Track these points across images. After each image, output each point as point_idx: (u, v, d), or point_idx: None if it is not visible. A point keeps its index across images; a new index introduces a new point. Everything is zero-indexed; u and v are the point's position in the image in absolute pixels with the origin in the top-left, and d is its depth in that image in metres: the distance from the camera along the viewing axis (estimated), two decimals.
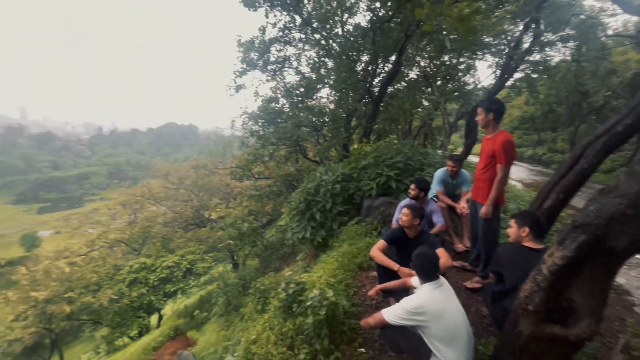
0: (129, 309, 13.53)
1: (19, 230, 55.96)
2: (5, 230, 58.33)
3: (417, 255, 2.58)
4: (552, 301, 1.97)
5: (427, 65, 14.05)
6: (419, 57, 13.92)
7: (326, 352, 2.93)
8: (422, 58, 14.05)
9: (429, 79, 13.35)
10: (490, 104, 3.33)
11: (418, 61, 13.83)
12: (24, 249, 41.88)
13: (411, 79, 13.86)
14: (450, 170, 4.58)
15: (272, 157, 9.39)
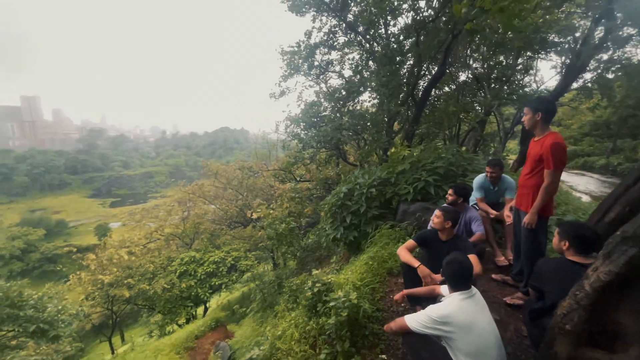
0: (178, 298, 14.59)
1: (94, 220, 63.63)
2: (84, 220, 66.72)
3: (448, 262, 2.43)
4: (594, 322, 1.73)
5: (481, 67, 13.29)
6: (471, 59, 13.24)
7: (346, 354, 2.88)
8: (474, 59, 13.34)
9: (481, 80, 12.58)
10: (539, 103, 3.04)
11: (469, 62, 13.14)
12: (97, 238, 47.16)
13: (462, 82, 13.19)
14: (489, 175, 4.25)
15: (313, 160, 9.54)
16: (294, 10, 8.88)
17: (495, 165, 4.22)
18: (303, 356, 3.17)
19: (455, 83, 12.42)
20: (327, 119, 9.41)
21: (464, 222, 4.23)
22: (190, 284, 14.80)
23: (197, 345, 8.88)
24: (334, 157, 10.33)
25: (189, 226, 17.66)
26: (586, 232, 2.35)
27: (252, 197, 16.53)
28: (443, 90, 13.07)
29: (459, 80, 12.82)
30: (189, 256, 16.04)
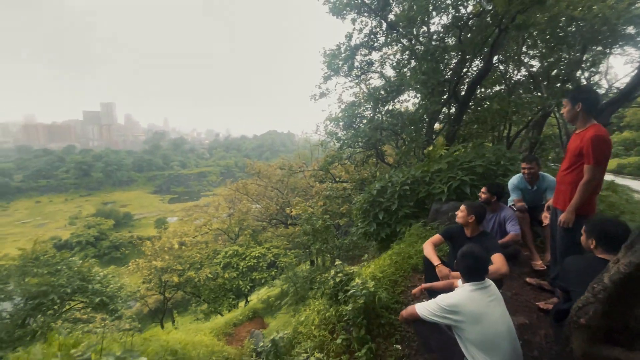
0: (221, 289, 15.53)
1: (155, 214, 70.05)
2: (146, 213, 73.68)
3: (462, 253, 2.39)
4: (611, 317, 1.62)
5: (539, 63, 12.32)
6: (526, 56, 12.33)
7: (361, 341, 2.93)
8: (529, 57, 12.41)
9: (537, 79, 11.65)
10: (578, 92, 2.81)
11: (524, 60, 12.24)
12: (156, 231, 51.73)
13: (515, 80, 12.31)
14: (526, 173, 3.95)
15: (350, 160, 9.59)
16: (335, 13, 9.07)
17: (531, 160, 3.93)
18: (321, 340, 3.28)
19: (507, 82, 11.63)
20: (367, 119, 9.42)
21: (498, 222, 4.04)
22: (232, 276, 15.68)
23: (235, 332, 9.40)
24: (372, 157, 10.29)
25: (234, 222, 18.72)
26: (612, 228, 2.15)
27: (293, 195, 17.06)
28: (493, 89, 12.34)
29: (511, 79, 11.99)
30: (232, 250, 16.98)
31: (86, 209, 70.56)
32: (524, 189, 4.06)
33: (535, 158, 3.99)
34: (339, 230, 11.56)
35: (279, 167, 17.42)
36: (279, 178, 17.24)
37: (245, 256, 16.64)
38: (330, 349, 3.11)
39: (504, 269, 2.82)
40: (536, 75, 12.22)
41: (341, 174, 13.30)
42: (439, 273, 2.96)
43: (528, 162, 3.96)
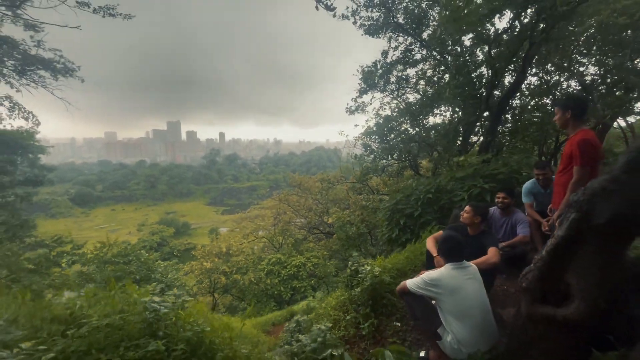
0: (263, 294, 16.44)
1: (209, 224, 75.26)
2: (202, 223, 79.45)
3: (443, 238, 2.83)
4: (546, 281, 1.97)
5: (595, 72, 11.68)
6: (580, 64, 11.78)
7: (366, 317, 3.41)
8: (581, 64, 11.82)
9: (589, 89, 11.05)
10: (568, 100, 3.11)
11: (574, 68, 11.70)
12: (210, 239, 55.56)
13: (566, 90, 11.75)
14: (538, 178, 4.14)
15: (384, 171, 9.97)
16: (370, 33, 9.76)
17: (544, 166, 4.13)
18: (335, 318, 3.80)
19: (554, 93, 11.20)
20: (399, 131, 9.79)
21: (510, 225, 4.25)
22: (274, 282, 16.54)
23: (273, 330, 10.07)
24: (407, 169, 10.53)
25: (278, 231, 19.80)
26: None
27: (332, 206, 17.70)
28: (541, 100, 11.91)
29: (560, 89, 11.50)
30: (275, 258, 17.93)
31: (151, 217, 78.30)
32: (537, 193, 4.24)
33: (548, 163, 4.18)
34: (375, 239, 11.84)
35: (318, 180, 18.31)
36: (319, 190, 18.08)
37: (287, 264, 17.45)
38: (341, 325, 3.62)
39: (494, 259, 3.15)
40: (589, 84, 11.56)
41: (379, 187, 13.63)
42: (436, 263, 3.35)
43: (541, 168, 4.16)
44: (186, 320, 2.25)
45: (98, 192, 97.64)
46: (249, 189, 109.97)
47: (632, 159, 1.61)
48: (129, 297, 2.48)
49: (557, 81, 12.17)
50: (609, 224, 1.66)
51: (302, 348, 3.18)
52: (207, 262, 15.83)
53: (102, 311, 2.30)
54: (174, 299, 2.52)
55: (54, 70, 7.33)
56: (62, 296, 2.50)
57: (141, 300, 2.21)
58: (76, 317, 2.17)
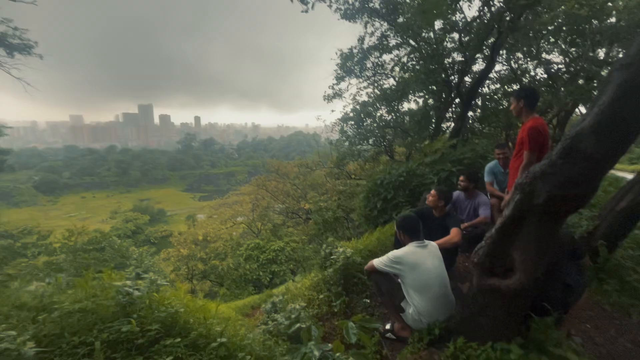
0: (242, 279, 16.56)
1: (186, 211, 73.76)
2: (178, 210, 77.71)
3: (400, 218, 3.03)
4: (494, 256, 2.18)
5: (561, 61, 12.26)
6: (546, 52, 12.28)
7: (338, 295, 3.60)
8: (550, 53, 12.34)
9: (554, 78, 11.62)
10: (520, 90, 3.35)
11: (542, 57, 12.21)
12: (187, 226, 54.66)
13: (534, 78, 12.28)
14: (498, 158, 4.47)
15: (360, 156, 10.18)
16: (347, 18, 9.70)
17: (503, 146, 4.45)
18: (309, 297, 3.98)
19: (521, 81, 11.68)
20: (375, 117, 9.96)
21: (473, 207, 4.54)
22: (253, 267, 16.67)
23: (252, 312, 10.27)
24: (382, 154, 10.79)
25: (256, 217, 19.82)
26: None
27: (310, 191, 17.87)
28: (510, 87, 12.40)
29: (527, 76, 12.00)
30: (254, 243, 17.99)
31: (125, 204, 75.55)
32: (497, 172, 4.57)
33: (506, 144, 4.51)
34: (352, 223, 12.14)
35: (296, 165, 18.37)
36: (296, 175, 18.17)
37: (266, 249, 17.58)
38: (315, 303, 3.80)
39: (455, 238, 3.40)
40: (555, 73, 12.14)
41: (357, 171, 13.85)
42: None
43: (500, 147, 4.50)
44: (161, 303, 2.31)
45: (65, 178, 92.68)
46: (226, 175, 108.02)
47: (566, 146, 1.79)
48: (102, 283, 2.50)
49: (525, 69, 12.71)
50: (546, 204, 1.86)
51: (277, 326, 3.34)
52: (184, 249, 15.70)
53: (74, 297, 2.32)
54: (149, 282, 2.57)
55: (9, 47, 6.79)
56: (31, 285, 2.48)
57: (114, 284, 2.24)
58: (46, 304, 2.17)
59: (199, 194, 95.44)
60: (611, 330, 2.94)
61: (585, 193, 1.81)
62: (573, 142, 1.77)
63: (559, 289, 2.46)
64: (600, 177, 1.83)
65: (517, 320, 2.28)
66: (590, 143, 1.72)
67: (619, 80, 1.66)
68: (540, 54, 12.19)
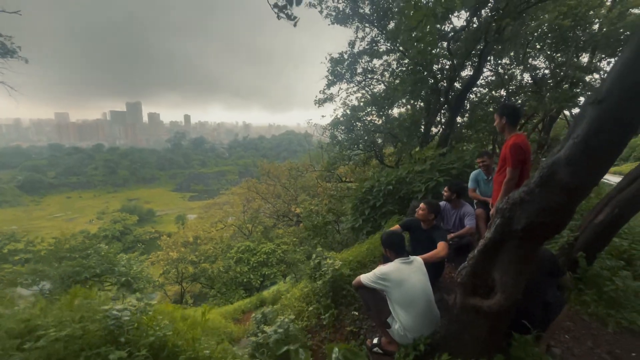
0: (233, 282, 16.48)
1: (175, 211, 72.90)
2: (168, 210, 76.71)
3: (385, 235, 3.10)
4: (477, 276, 2.26)
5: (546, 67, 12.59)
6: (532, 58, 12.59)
7: (327, 308, 3.65)
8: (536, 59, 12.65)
9: (539, 83, 11.90)
10: (503, 108, 3.44)
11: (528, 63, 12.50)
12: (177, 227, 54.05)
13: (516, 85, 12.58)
14: (481, 165, 4.61)
15: (351, 160, 10.26)
16: (339, 22, 9.75)
17: (483, 154, 4.61)
18: (299, 309, 4.02)
19: (508, 86, 11.94)
20: (365, 122, 10.04)
21: (459, 217, 4.64)
22: (244, 270, 16.61)
23: (242, 317, 10.25)
24: (373, 158, 10.90)
25: (247, 218, 19.74)
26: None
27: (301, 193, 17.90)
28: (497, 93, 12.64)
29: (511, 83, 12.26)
30: (244, 245, 17.92)
31: (113, 204, 74.27)
32: (480, 180, 4.71)
33: (488, 152, 4.66)
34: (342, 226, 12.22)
35: (287, 168, 18.38)
36: (288, 178, 18.19)
37: (257, 252, 17.53)
38: (304, 315, 3.84)
39: (442, 253, 3.47)
40: (540, 79, 12.44)
41: (347, 174, 13.94)
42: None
43: (481, 155, 4.70)
44: (149, 325, 2.32)
45: (50, 178, 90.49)
46: (217, 174, 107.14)
47: (543, 175, 1.87)
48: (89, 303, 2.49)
49: (512, 74, 12.99)
50: (524, 230, 1.94)
51: (266, 339, 3.36)
52: (173, 252, 15.54)
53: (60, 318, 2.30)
54: (137, 302, 2.56)
55: None
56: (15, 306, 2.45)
57: (102, 308, 2.24)
58: (32, 328, 2.16)
59: (188, 193, 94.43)
60: (588, 341, 3.06)
61: (561, 221, 1.89)
62: (549, 172, 1.85)
63: (539, 306, 2.55)
64: (575, 205, 1.91)
65: (498, 338, 2.36)
66: (566, 174, 1.79)
67: (592, 116, 1.74)
68: (527, 60, 12.49)
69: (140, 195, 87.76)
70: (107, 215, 63.26)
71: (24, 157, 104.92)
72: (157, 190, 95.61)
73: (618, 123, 1.69)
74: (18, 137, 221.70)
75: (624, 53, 1.67)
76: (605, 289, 3.66)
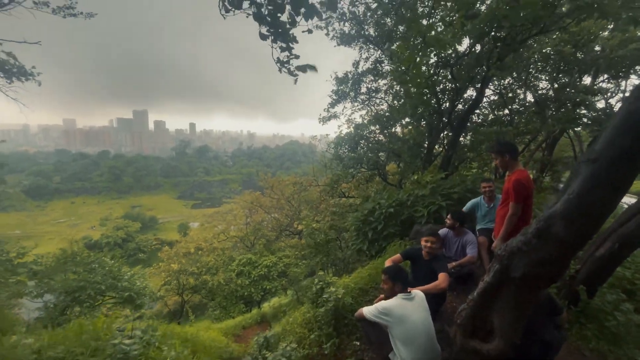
0: (233, 296, 16.40)
1: (178, 219, 73.02)
2: (171, 218, 76.88)
3: (392, 268, 3.16)
4: (476, 319, 2.31)
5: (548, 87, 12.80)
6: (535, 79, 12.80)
7: (328, 336, 3.68)
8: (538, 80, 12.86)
9: (541, 104, 12.04)
10: (501, 147, 3.53)
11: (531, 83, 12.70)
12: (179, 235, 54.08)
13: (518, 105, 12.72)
14: (486, 190, 4.64)
15: (354, 178, 10.37)
16: (344, 44, 10.00)
17: (489, 180, 4.65)
18: (300, 336, 4.05)
19: (511, 108, 12.07)
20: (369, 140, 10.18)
21: (461, 245, 4.68)
22: (245, 283, 16.54)
23: (243, 334, 10.20)
24: (375, 176, 10.99)
25: (250, 231, 19.78)
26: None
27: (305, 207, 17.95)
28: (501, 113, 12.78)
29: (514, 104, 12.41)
30: (246, 258, 17.88)
31: (116, 211, 74.57)
32: (480, 206, 4.78)
33: (490, 179, 4.73)
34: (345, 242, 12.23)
35: (290, 183, 18.52)
36: (291, 192, 18.29)
37: (258, 265, 17.48)
38: (306, 343, 3.87)
39: (442, 285, 3.51)
40: (543, 99, 12.58)
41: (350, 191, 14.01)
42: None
43: (486, 181, 4.77)
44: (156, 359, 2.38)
45: (55, 183, 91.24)
46: (220, 183, 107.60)
47: (540, 227, 1.95)
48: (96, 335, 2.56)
49: (515, 94, 13.16)
50: (522, 278, 2.00)
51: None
52: (174, 264, 15.57)
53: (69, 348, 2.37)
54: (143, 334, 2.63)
55: (9, 73, 6.88)
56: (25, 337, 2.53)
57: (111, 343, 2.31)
58: None
59: (191, 201, 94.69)
60: None
61: (556, 272, 1.96)
62: (546, 225, 1.92)
63: (538, 346, 2.58)
64: (569, 258, 1.98)
65: None
66: (561, 227, 1.87)
67: (586, 173, 1.82)
68: (529, 80, 12.68)
69: (144, 202, 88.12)
70: (110, 222, 63.47)
71: (31, 162, 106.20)
72: (161, 198, 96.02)
73: (610, 182, 1.77)
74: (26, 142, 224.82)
75: (614, 118, 1.76)
76: (607, 323, 3.67)
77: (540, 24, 6.33)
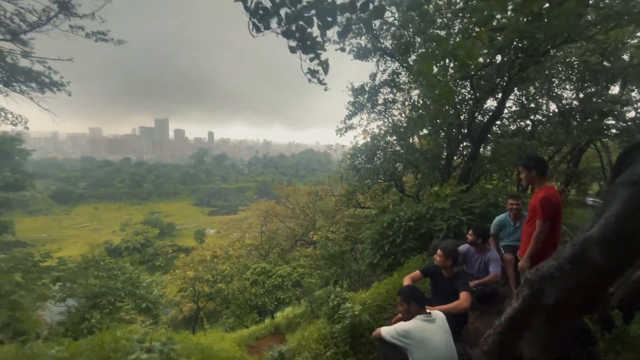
0: (247, 305, 16.39)
1: (195, 226, 74.26)
2: (188, 224, 78.30)
3: (406, 289, 3.06)
4: (504, 347, 2.19)
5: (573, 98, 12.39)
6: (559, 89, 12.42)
7: (345, 354, 3.59)
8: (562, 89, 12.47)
9: (565, 114, 11.64)
10: (529, 161, 3.38)
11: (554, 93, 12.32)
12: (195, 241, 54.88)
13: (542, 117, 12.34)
14: (514, 208, 4.38)
15: (370, 189, 10.26)
16: (360, 58, 10.02)
17: (517, 197, 4.41)
18: (316, 352, 3.97)
19: (533, 118, 11.73)
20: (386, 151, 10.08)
21: (483, 262, 4.50)
22: (259, 292, 16.51)
23: (257, 344, 10.14)
24: (392, 187, 10.83)
25: (265, 240, 19.86)
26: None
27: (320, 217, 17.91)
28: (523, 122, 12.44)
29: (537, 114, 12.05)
30: (260, 267, 17.89)
31: (136, 216, 76.69)
32: (506, 225, 4.51)
33: (518, 195, 4.49)
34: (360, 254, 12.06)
35: (306, 192, 18.57)
36: (306, 202, 18.32)
37: (272, 274, 17.43)
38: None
39: (464, 304, 3.37)
40: (567, 110, 12.15)
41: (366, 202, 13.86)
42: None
43: (515, 198, 4.44)
44: None
45: (81, 189, 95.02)
46: (237, 190, 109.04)
47: (575, 252, 1.83)
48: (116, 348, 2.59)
49: (537, 104, 12.77)
50: (554, 306, 1.89)
51: None
52: (190, 271, 15.78)
53: None
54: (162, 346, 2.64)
55: (41, 84, 7.26)
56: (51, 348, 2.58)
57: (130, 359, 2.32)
58: None
59: (208, 208, 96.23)
60: None
61: (592, 300, 1.83)
62: (581, 250, 1.81)
63: None
64: (608, 286, 1.86)
65: None
66: (598, 253, 1.75)
67: (625, 197, 1.71)
68: (552, 90, 12.30)
69: (163, 209, 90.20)
70: (130, 227, 65.18)
71: (59, 169, 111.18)
72: (179, 204, 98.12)
73: None
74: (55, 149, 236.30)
75: None
76: None
77: (565, 34, 6.16)
